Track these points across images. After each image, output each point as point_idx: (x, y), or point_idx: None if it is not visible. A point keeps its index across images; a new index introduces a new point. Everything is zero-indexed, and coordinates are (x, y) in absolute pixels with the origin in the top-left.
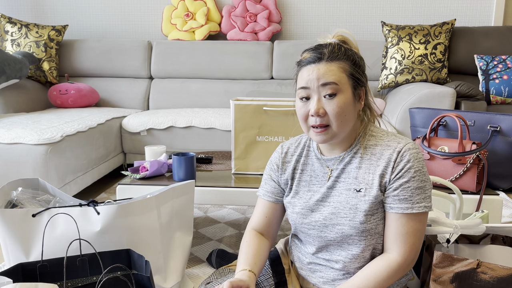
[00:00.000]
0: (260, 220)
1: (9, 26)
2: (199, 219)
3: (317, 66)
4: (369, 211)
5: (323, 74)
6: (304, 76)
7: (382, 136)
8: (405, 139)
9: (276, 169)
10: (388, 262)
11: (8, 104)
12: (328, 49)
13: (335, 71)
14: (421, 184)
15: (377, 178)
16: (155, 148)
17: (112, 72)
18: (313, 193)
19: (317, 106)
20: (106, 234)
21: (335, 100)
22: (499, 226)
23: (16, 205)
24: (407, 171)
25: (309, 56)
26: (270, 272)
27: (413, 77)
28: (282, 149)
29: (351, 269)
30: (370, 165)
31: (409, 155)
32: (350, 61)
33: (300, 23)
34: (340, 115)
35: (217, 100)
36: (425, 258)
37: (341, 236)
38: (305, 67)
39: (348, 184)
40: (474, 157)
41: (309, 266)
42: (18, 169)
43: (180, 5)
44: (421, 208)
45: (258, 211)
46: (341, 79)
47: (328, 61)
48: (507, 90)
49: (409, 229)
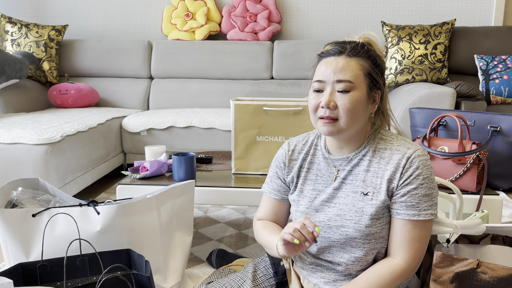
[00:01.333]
0: (270, 217)
1: (9, 26)
2: (199, 219)
3: (337, 59)
4: (375, 215)
5: (340, 69)
6: (322, 69)
7: (392, 140)
8: (415, 145)
9: (282, 167)
10: (392, 266)
11: (8, 104)
12: (351, 45)
13: (353, 67)
14: (429, 192)
15: (385, 183)
16: (155, 148)
17: (112, 72)
18: (318, 193)
19: (329, 99)
20: (106, 234)
21: (348, 95)
22: (499, 226)
23: (16, 205)
24: (415, 178)
25: (331, 48)
26: (271, 272)
27: (413, 77)
28: (289, 146)
29: (353, 271)
30: (378, 168)
31: (418, 161)
32: (370, 60)
33: (300, 23)
34: (351, 111)
35: (217, 100)
36: (425, 258)
37: (345, 238)
38: (325, 58)
39: (355, 187)
40: (474, 157)
41: (311, 266)
42: (18, 169)
43: (180, 5)
44: (427, 216)
45: (265, 207)
46: (358, 76)
47: (348, 56)
48: (507, 90)
49: (414, 235)
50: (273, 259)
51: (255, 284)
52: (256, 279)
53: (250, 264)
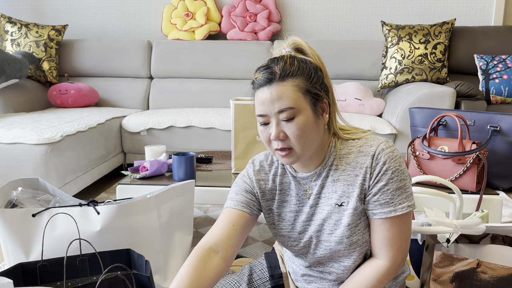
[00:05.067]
0: (223, 229)
1: (9, 26)
2: (199, 219)
3: (270, 89)
4: (353, 223)
5: (277, 99)
6: (259, 103)
7: (353, 141)
8: (377, 140)
9: (251, 184)
10: (377, 268)
11: (8, 104)
12: (279, 65)
13: (289, 92)
14: (401, 184)
15: (357, 189)
16: (155, 148)
17: (112, 72)
18: (296, 214)
19: (276, 131)
20: (106, 234)
21: (293, 123)
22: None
23: (16, 205)
24: (384, 174)
25: (260, 77)
26: (267, 275)
27: (413, 77)
28: (253, 166)
29: (345, 279)
30: (347, 176)
31: (384, 156)
32: (304, 75)
33: (300, 23)
34: (302, 137)
35: (217, 100)
36: (425, 258)
37: (330, 252)
38: (258, 89)
39: (329, 199)
40: (474, 157)
41: (304, 278)
42: (18, 169)
43: (180, 5)
44: (404, 209)
45: (222, 221)
46: (297, 99)
47: (280, 81)
48: (507, 89)
49: (394, 232)
50: (270, 262)
51: (251, 287)
52: (252, 282)
53: (246, 267)
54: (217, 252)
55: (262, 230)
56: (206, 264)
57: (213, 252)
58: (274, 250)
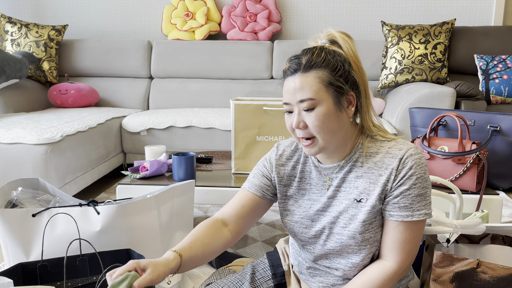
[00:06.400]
0: (234, 208)
1: (9, 26)
2: (199, 219)
3: (294, 79)
4: (368, 220)
5: (299, 88)
6: (285, 90)
7: (383, 141)
8: (407, 144)
9: (270, 168)
10: (384, 269)
11: (8, 104)
12: (307, 56)
13: (311, 83)
14: (422, 191)
15: (379, 188)
16: (155, 148)
17: (112, 72)
18: (312, 202)
19: (297, 120)
20: (106, 234)
21: (313, 113)
22: (499, 226)
23: (16, 205)
24: (408, 178)
25: (288, 67)
26: (269, 274)
27: (413, 77)
28: (277, 150)
29: (351, 276)
30: (371, 174)
31: (411, 161)
32: (329, 68)
33: (300, 23)
34: (321, 127)
35: (217, 100)
36: (425, 258)
37: (341, 245)
38: (285, 79)
39: (348, 194)
40: (474, 157)
41: (309, 271)
42: (18, 169)
43: (180, 5)
44: (421, 216)
45: (234, 200)
46: (319, 90)
47: (304, 72)
48: (507, 89)
49: (406, 236)
50: (272, 261)
51: (254, 286)
52: (254, 281)
53: (248, 266)
54: (226, 225)
55: (262, 230)
56: (217, 230)
57: (223, 224)
58: (276, 249)
